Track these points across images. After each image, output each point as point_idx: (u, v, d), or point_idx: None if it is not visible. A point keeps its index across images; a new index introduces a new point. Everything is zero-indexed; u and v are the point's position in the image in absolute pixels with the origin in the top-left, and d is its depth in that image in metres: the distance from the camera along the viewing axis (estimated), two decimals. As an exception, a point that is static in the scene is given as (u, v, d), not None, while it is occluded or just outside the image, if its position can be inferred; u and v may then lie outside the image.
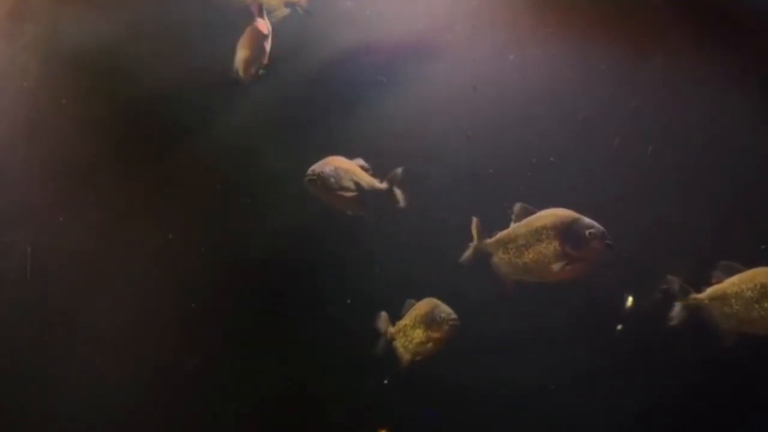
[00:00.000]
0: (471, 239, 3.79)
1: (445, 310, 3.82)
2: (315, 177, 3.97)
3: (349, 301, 4.43)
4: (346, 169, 4.06)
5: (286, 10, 4.66)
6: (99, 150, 4.82)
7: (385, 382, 4.28)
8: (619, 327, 4.13)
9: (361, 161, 4.16)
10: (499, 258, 3.72)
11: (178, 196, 4.80)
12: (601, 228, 3.45)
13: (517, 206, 3.72)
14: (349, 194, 4.03)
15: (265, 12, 4.56)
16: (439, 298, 3.93)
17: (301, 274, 4.53)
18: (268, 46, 4.51)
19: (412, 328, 3.89)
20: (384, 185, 4.12)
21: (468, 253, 3.80)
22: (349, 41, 4.72)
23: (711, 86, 4.33)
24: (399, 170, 4.10)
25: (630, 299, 4.12)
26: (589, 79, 4.48)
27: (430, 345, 3.83)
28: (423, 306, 3.92)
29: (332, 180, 3.99)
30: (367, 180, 4.11)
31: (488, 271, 3.79)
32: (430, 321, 3.83)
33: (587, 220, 3.49)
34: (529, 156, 4.40)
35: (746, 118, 4.27)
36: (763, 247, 3.92)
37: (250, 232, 4.66)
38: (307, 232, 4.55)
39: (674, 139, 4.34)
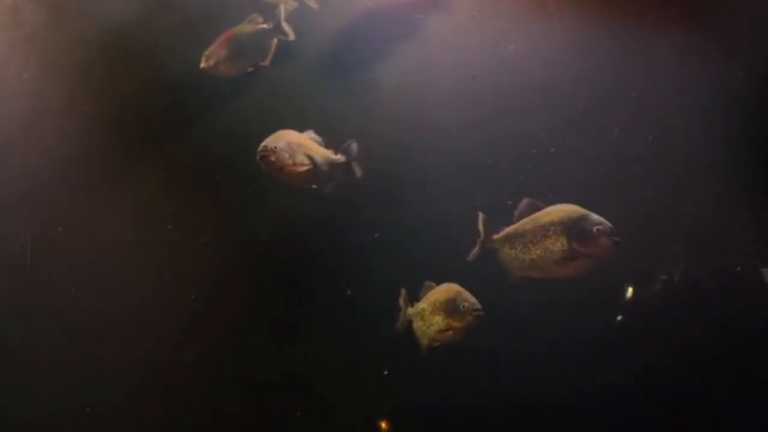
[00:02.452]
0: (478, 235, 3.75)
1: (469, 299, 3.61)
2: (267, 153, 3.75)
3: (349, 291, 4.41)
4: (299, 143, 3.86)
5: (294, 4, 4.63)
6: (100, 141, 4.79)
7: (385, 372, 4.29)
8: (619, 318, 4.16)
9: (312, 133, 4.01)
10: (505, 253, 3.68)
11: (181, 187, 4.75)
12: (609, 224, 3.43)
13: (524, 202, 3.68)
14: (303, 169, 3.84)
15: (282, 7, 4.53)
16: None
17: (303, 263, 4.51)
18: (273, 45, 4.49)
19: (430, 314, 3.70)
20: (341, 158, 3.97)
21: (475, 249, 3.75)
22: (348, 32, 4.69)
23: (711, 77, 4.36)
24: (354, 143, 3.97)
25: (630, 289, 4.15)
26: (589, 69, 4.49)
27: (449, 333, 3.63)
28: (443, 291, 3.72)
29: (286, 155, 3.78)
30: (322, 153, 3.94)
31: (490, 259, 3.76)
32: (451, 309, 3.61)
33: (595, 216, 3.46)
34: (529, 146, 4.39)
35: (746, 109, 4.30)
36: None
37: (253, 222, 4.63)
38: (307, 222, 4.51)
39: (675, 128, 4.35)
